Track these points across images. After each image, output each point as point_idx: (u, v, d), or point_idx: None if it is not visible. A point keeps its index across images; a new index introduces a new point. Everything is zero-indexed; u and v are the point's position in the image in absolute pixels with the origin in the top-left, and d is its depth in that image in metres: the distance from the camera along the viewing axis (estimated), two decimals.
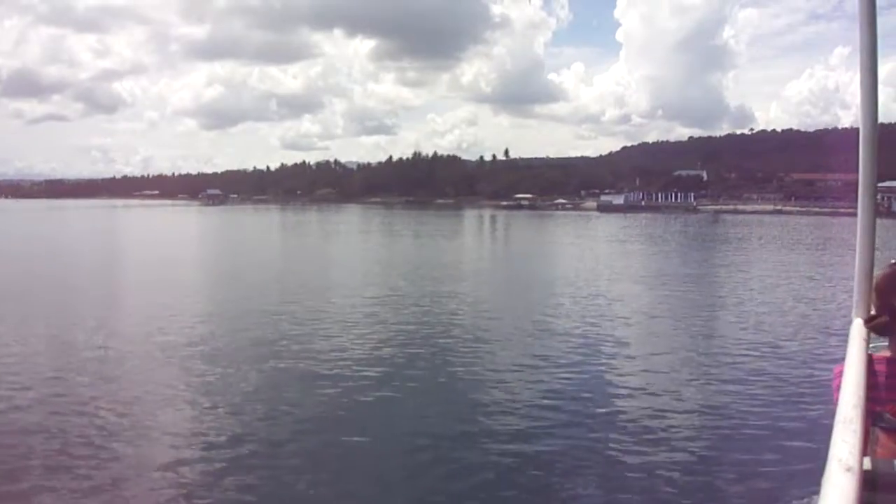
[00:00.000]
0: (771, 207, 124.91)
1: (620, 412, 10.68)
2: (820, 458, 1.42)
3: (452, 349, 15.03)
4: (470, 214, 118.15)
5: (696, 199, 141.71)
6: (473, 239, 64.35)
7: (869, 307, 2.57)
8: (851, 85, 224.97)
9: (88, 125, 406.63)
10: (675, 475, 8.28)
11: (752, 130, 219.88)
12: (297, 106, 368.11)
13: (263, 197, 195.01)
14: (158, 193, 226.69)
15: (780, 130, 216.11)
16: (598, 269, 32.88)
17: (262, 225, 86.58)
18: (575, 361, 13.90)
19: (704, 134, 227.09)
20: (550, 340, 15.96)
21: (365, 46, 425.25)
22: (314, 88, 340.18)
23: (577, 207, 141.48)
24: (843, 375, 1.94)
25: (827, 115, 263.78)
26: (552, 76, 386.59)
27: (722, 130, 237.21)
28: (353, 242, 55.81)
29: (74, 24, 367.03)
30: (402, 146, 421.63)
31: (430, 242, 53.32)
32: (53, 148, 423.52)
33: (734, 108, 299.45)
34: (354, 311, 19.99)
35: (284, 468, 8.51)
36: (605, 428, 9.93)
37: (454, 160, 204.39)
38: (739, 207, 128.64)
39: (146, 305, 20.62)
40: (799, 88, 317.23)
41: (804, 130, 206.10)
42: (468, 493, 8.03)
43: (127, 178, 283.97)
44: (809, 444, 8.36)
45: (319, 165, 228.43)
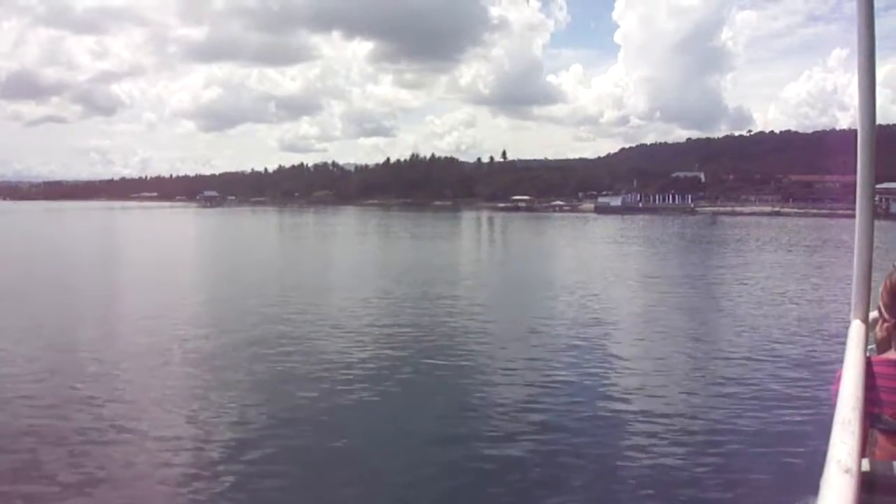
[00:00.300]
0: (769, 209, 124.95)
1: (617, 415, 10.67)
2: (818, 459, 1.42)
3: (449, 351, 15.00)
4: (467, 216, 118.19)
5: (693, 200, 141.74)
6: (470, 241, 64.31)
7: (867, 308, 2.56)
8: (849, 87, 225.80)
9: (87, 127, 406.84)
10: (674, 476, 8.30)
11: (750, 132, 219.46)
12: (295, 108, 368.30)
13: (261, 199, 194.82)
14: (156, 195, 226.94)
15: (778, 132, 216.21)
16: (594, 271, 32.86)
17: (259, 227, 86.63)
18: (572, 364, 13.89)
19: (702, 135, 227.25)
20: (547, 343, 15.95)
21: (363, 48, 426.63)
22: (312, 90, 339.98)
23: (574, 209, 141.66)
24: (841, 377, 1.95)
25: (825, 116, 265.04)
26: (550, 78, 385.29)
27: (720, 132, 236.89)
28: (349, 244, 55.82)
29: (73, 25, 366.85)
30: (400, 148, 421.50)
31: (426, 244, 53.29)
32: (52, 150, 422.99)
33: (732, 109, 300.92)
34: (350, 313, 19.97)
35: (278, 468, 8.50)
36: (602, 430, 9.93)
37: (452, 162, 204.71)
38: (737, 209, 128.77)
39: (143, 306, 20.59)
40: (797, 90, 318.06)
41: (802, 132, 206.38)
42: (468, 493, 8.03)
43: (125, 179, 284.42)
44: (808, 445, 8.36)
45: (317, 167, 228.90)
